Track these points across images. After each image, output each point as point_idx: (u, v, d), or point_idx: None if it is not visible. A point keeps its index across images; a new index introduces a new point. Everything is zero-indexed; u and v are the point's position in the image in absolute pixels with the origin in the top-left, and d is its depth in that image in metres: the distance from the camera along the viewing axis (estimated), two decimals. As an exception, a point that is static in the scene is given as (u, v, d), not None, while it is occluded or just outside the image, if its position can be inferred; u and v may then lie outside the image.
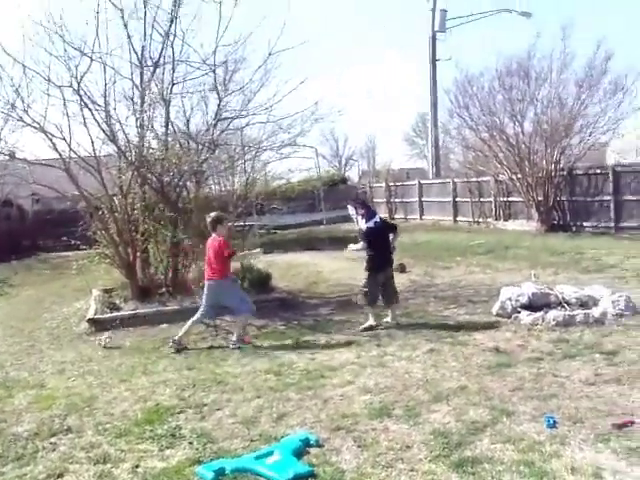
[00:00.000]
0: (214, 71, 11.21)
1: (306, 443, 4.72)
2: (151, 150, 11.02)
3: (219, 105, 11.42)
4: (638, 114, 21.24)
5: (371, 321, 8.79)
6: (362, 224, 9.03)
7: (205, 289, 8.52)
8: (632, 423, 4.82)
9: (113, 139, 10.40)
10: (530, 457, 4.35)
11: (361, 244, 8.96)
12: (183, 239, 10.81)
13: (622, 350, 6.88)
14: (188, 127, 11.87)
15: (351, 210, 9.74)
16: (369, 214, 9.04)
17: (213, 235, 8.45)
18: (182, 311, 9.95)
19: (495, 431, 4.83)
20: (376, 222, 8.96)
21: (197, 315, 8.41)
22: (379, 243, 8.89)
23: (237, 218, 11.72)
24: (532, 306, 8.91)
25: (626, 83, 20.28)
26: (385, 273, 9.01)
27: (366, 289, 8.94)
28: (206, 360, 7.50)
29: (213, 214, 8.61)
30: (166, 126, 11.25)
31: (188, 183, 11.47)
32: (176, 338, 8.24)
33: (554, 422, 4.87)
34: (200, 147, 11.25)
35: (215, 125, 11.42)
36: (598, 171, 20.50)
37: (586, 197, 20.68)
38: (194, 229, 10.83)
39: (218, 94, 11.40)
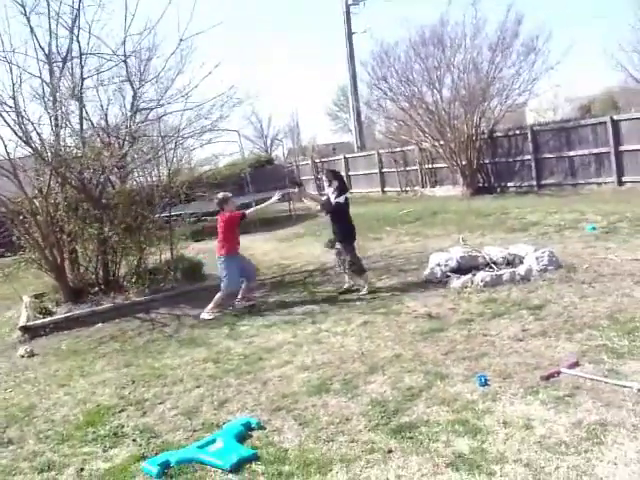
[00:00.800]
0: (125, 62, 11.02)
1: (248, 427, 4.79)
2: (68, 148, 10.75)
3: (134, 96, 11.25)
4: (551, 73, 21.80)
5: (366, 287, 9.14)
6: (332, 197, 9.33)
7: (219, 266, 9.27)
8: (558, 373, 5.05)
9: (27, 140, 10.10)
10: (464, 416, 4.53)
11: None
12: (110, 236, 10.64)
13: (547, 304, 7.20)
14: (107, 120, 11.63)
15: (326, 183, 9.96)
16: (341, 188, 9.35)
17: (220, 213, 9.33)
18: (117, 308, 9.91)
19: (430, 395, 5.00)
20: (347, 197, 9.39)
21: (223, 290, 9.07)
22: (349, 216, 9.37)
23: (163, 209, 11.56)
24: (461, 269, 9.18)
25: (537, 44, 20.81)
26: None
27: (356, 260, 9.30)
28: (144, 355, 7.45)
29: (220, 195, 9.44)
30: (81, 122, 10.99)
31: (112, 178, 11.27)
32: (208, 311, 8.95)
33: (485, 380, 5.06)
34: (120, 140, 11.06)
35: (133, 117, 11.24)
36: (517, 132, 21.06)
37: (508, 158, 21.23)
38: (121, 224, 10.67)
39: (132, 85, 11.23)
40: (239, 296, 9.35)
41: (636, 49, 16.54)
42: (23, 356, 8.22)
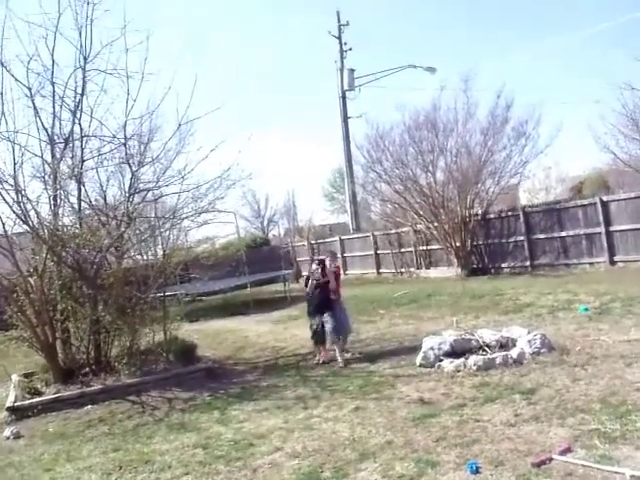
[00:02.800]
0: (124, 144, 11.27)
1: (235, 516, 4.70)
2: (65, 227, 10.87)
3: (132, 177, 11.44)
4: (540, 157, 22.33)
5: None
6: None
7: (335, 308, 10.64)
8: (550, 460, 5.01)
9: (25, 219, 10.22)
10: (455, 506, 4.46)
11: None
12: (103, 316, 10.62)
13: (539, 388, 7.18)
14: (105, 200, 11.81)
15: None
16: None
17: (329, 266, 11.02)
18: (106, 390, 9.77)
19: (421, 484, 4.92)
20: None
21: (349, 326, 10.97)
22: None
23: (157, 289, 11.58)
24: (455, 353, 9.17)
25: (527, 129, 21.42)
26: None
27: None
28: (132, 439, 7.34)
29: (332, 251, 12.50)
30: (79, 201, 11.15)
31: (108, 256, 11.33)
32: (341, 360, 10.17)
33: (477, 468, 5.01)
34: (117, 221, 11.19)
35: (131, 198, 11.41)
36: (510, 213, 21.42)
37: (501, 239, 21.51)
38: (114, 305, 10.67)
39: (130, 167, 11.44)
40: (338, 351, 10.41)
41: (621, 132, 17.08)
42: (8, 438, 8.10)
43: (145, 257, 12.34)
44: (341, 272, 11.42)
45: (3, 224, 10.16)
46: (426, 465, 5.26)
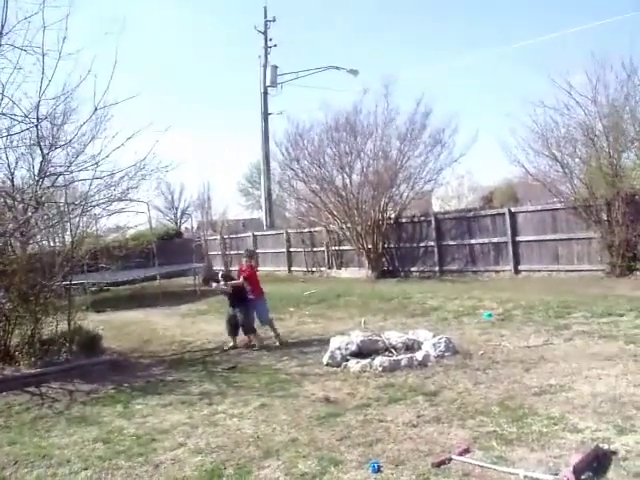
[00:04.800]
0: (36, 126, 10.86)
1: (134, 513, 4.63)
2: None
3: (43, 160, 11.05)
4: (456, 164, 22.97)
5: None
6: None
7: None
8: (449, 460, 5.15)
9: None
10: (355, 504, 4.53)
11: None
12: (4, 303, 10.22)
13: (442, 390, 7.36)
14: (12, 182, 11.35)
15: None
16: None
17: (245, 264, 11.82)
18: (4, 380, 9.40)
19: (323, 482, 4.97)
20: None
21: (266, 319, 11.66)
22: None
23: (64, 278, 11.23)
24: (361, 353, 9.30)
25: (443, 137, 22.02)
26: None
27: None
28: (30, 433, 7.08)
29: (249, 250, 12.71)
30: (-17, 183, 10.70)
31: (13, 241, 10.90)
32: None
33: (378, 467, 5.10)
34: (24, 204, 10.78)
35: (40, 181, 11.02)
36: (422, 219, 21.98)
37: (412, 243, 22.02)
38: (17, 291, 10.28)
39: (41, 149, 11.04)
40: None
41: (531, 147, 17.78)
42: None
43: (52, 243, 11.95)
44: (257, 270, 11.83)
45: None
46: (329, 463, 5.31)
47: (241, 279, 11.59)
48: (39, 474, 5.72)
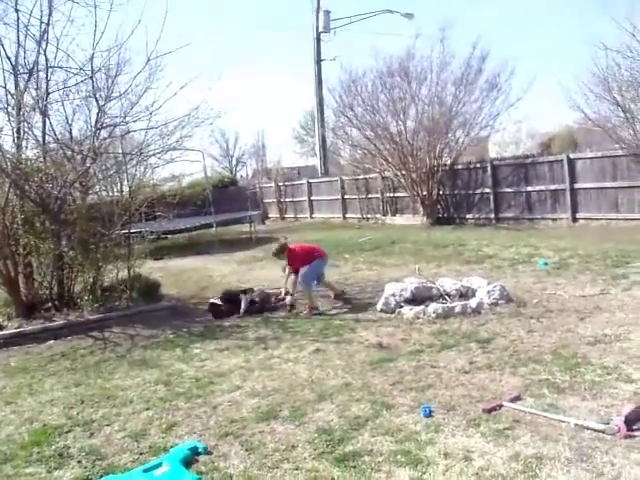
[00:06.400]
0: (91, 77, 11.03)
1: (194, 451, 4.81)
2: (29, 161, 10.69)
3: (99, 112, 11.24)
4: (513, 109, 22.44)
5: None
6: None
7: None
8: (500, 407, 5.20)
9: (-13, 151, 10.03)
10: (407, 446, 4.63)
11: None
12: (67, 251, 10.57)
13: (495, 337, 7.39)
14: (71, 134, 11.61)
15: None
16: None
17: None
18: (69, 325, 9.79)
19: (375, 425, 5.09)
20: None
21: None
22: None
23: (122, 226, 11.52)
24: (415, 300, 9.37)
25: (500, 81, 21.45)
26: None
27: None
28: (94, 375, 7.40)
29: (274, 249, 11.00)
30: (43, 135, 10.94)
31: (73, 192, 11.19)
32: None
33: (430, 411, 5.19)
34: (82, 155, 11.03)
35: (97, 133, 11.24)
36: (478, 165, 21.62)
37: (468, 190, 21.73)
38: (78, 240, 10.61)
39: (97, 101, 11.23)
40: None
41: (592, 91, 17.13)
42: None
43: (110, 193, 12.23)
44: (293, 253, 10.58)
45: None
46: (381, 407, 5.42)
47: (290, 274, 10.55)
48: (104, 413, 5.99)
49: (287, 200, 31.79)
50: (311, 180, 30.43)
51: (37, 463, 5.00)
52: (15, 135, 10.55)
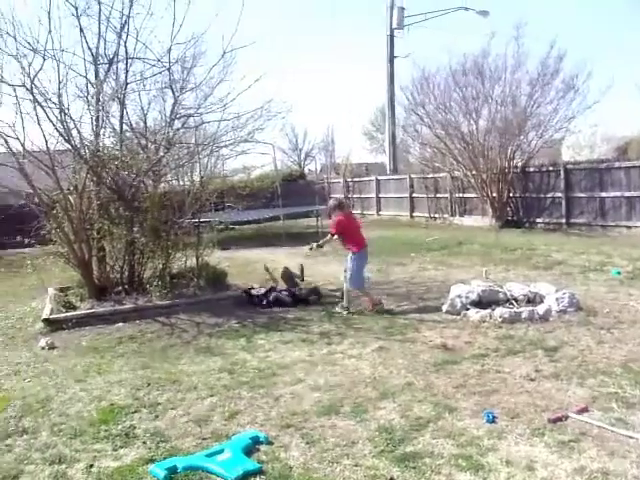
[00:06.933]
0: (168, 69, 11.27)
1: (256, 441, 4.88)
2: (106, 149, 10.99)
3: (174, 103, 11.49)
4: (589, 112, 21.84)
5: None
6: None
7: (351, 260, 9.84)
8: (566, 417, 5.08)
9: (67, 138, 10.32)
10: (468, 451, 4.58)
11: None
12: (138, 237, 10.83)
13: (563, 346, 7.22)
14: (145, 123, 11.92)
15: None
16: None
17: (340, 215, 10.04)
18: (138, 309, 10.05)
19: (437, 427, 5.06)
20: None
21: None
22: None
23: (192, 216, 11.75)
24: (481, 303, 9.23)
25: (577, 83, 20.90)
26: None
27: None
28: (161, 359, 7.58)
29: (333, 201, 10.78)
30: (121, 124, 11.24)
31: (146, 180, 11.47)
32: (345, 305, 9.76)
33: (493, 417, 5.12)
34: (156, 145, 11.30)
35: (171, 123, 11.49)
36: (550, 168, 21.11)
37: (539, 194, 21.26)
38: (150, 227, 10.86)
39: (173, 92, 11.48)
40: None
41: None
42: (44, 348, 8.41)
43: (182, 183, 12.48)
44: (349, 221, 10.13)
45: (46, 141, 10.28)
46: (444, 409, 5.39)
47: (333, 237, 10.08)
48: (169, 397, 6.14)
49: (355, 196, 31.76)
50: (379, 177, 30.34)
51: (104, 440, 5.16)
52: (94, 123, 10.87)
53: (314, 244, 10.42)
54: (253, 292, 10.85)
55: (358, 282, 9.83)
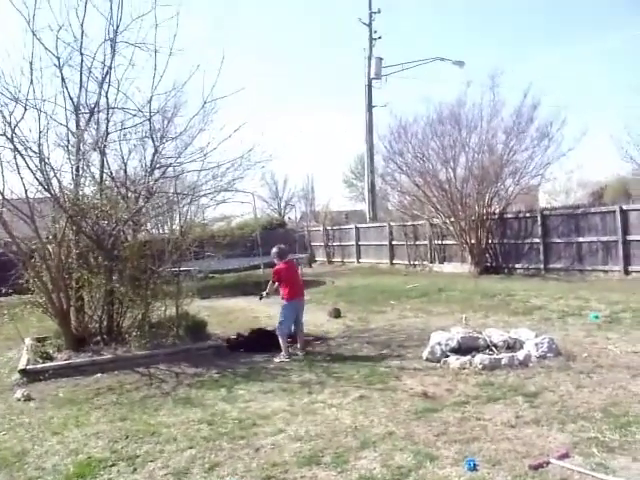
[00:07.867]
0: (149, 119, 11.37)
1: (236, 493, 4.83)
2: (86, 198, 10.99)
3: (155, 152, 11.56)
4: (564, 159, 22.24)
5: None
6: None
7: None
8: (547, 463, 5.08)
9: (47, 187, 10.33)
10: (450, 500, 4.56)
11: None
12: (118, 287, 10.77)
13: (543, 391, 7.24)
14: (126, 172, 11.94)
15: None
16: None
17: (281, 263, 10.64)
18: (116, 360, 9.93)
19: (418, 476, 5.03)
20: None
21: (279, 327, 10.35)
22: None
23: (172, 264, 11.71)
24: (461, 350, 9.23)
25: (551, 130, 21.34)
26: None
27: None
28: (140, 410, 7.48)
29: (275, 250, 10.79)
30: (101, 173, 11.27)
31: (125, 229, 11.45)
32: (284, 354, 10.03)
33: (474, 465, 5.10)
34: (136, 194, 11.32)
35: (151, 173, 11.54)
36: (527, 215, 21.43)
37: (517, 240, 21.52)
38: (129, 277, 10.81)
39: (154, 142, 11.56)
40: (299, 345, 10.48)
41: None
42: (20, 399, 8.28)
43: (162, 231, 12.47)
44: (287, 270, 10.67)
45: (26, 190, 10.25)
46: (425, 458, 5.35)
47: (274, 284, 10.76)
48: (148, 449, 6.04)
49: (335, 244, 31.89)
50: (359, 225, 30.55)
51: (81, 496, 5.05)
52: (74, 172, 10.89)
53: (263, 293, 10.93)
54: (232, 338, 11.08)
55: (282, 329, 10.33)
